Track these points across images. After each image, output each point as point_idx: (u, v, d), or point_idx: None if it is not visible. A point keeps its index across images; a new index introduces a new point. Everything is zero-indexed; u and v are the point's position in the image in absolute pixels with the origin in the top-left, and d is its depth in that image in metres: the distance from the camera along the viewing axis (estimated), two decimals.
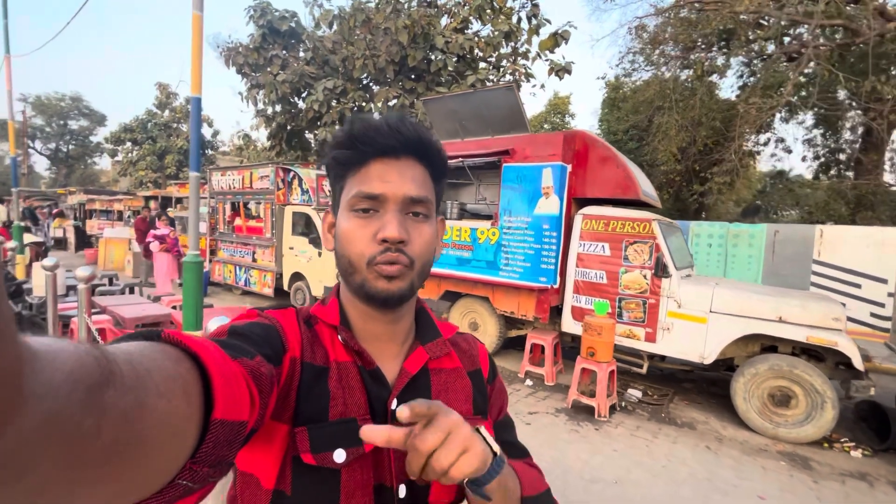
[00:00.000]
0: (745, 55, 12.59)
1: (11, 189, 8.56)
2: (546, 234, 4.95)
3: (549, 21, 11.84)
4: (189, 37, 4.16)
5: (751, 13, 10.00)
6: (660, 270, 4.34)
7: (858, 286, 6.49)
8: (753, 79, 12.88)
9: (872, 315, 6.36)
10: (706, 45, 12.69)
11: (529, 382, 5.00)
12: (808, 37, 9.89)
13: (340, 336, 0.64)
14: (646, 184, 5.36)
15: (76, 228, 16.58)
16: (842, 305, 3.90)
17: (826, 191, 12.35)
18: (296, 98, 12.46)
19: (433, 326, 0.73)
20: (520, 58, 12.34)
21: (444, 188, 0.72)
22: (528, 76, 12.13)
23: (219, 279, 9.62)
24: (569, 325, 5.00)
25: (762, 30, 11.30)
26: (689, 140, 12.45)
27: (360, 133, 0.60)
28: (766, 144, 15.79)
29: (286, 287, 8.14)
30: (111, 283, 7.70)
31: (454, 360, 0.73)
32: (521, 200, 5.12)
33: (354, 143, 0.61)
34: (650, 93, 12.77)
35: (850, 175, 12.75)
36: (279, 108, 12.65)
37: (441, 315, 6.02)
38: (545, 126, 23.21)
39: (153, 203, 14.06)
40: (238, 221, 9.26)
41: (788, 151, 16.31)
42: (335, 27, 11.78)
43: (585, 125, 38.97)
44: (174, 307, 5.40)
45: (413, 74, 11.81)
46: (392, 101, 11.38)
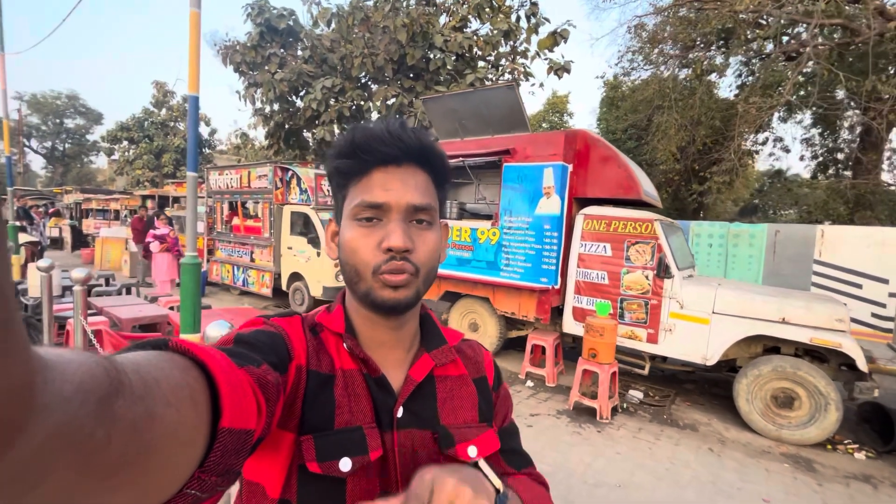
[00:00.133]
0: (744, 54, 12.58)
1: (7, 188, 8.47)
2: (547, 235, 4.92)
3: (548, 20, 11.82)
4: (186, 35, 4.12)
5: (751, 12, 9.98)
6: (662, 271, 4.31)
7: (859, 286, 6.48)
8: (752, 78, 12.87)
9: (873, 315, 6.36)
10: (705, 45, 12.68)
11: (530, 383, 4.97)
12: (807, 36, 9.87)
13: (346, 344, 0.64)
14: (647, 184, 5.33)
15: (72, 228, 16.48)
16: (845, 306, 3.88)
17: (825, 190, 12.36)
18: (294, 97, 12.39)
19: (438, 333, 0.73)
20: (519, 57, 12.30)
21: (448, 193, 0.71)
22: (527, 75, 12.09)
23: (216, 279, 9.57)
24: (570, 326, 4.97)
25: (761, 29, 11.29)
26: (689, 139, 12.44)
27: (362, 142, 0.60)
28: (765, 144, 15.80)
29: (284, 287, 8.09)
30: (108, 284, 7.64)
31: (459, 367, 0.72)
32: (522, 200, 5.09)
33: (356, 152, 0.60)
34: (649, 92, 12.76)
35: (848, 174, 12.76)
36: (277, 107, 12.58)
37: (441, 315, 5.99)
38: (543, 125, 23.21)
39: (150, 202, 13.98)
40: (236, 221, 9.20)
41: (787, 151, 16.35)
42: (333, 25, 11.71)
43: (584, 124, 39.02)
44: (171, 308, 5.35)
45: (412, 73, 11.76)
46: (391, 100, 11.32)
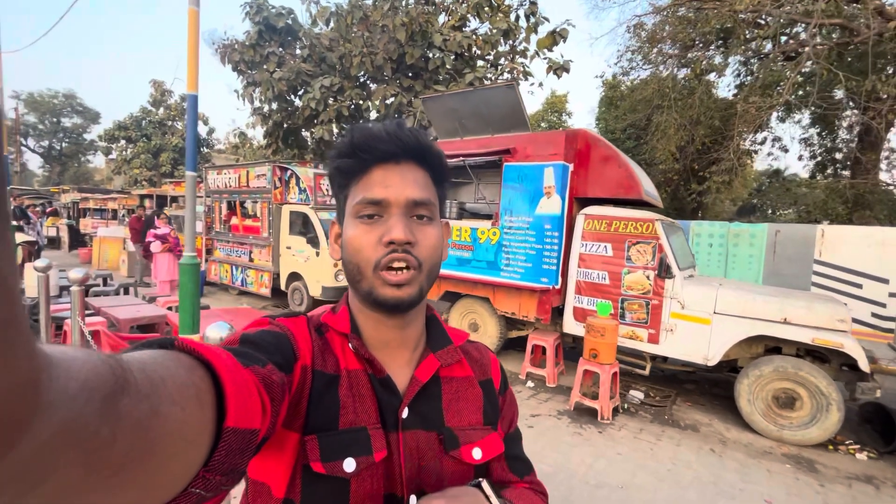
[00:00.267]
0: (743, 54, 12.57)
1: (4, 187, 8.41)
2: (548, 234, 4.90)
3: (548, 19, 11.80)
4: (184, 33, 4.10)
5: (750, 12, 9.98)
6: (663, 271, 4.29)
7: (860, 286, 6.48)
8: (751, 78, 12.87)
9: (873, 315, 6.36)
10: (704, 44, 12.66)
11: (531, 384, 4.96)
12: (806, 36, 9.87)
13: (351, 344, 0.64)
14: (648, 183, 5.31)
15: (70, 227, 16.40)
16: (846, 306, 3.87)
17: (824, 190, 12.37)
18: (292, 96, 12.34)
19: (444, 334, 0.73)
20: (518, 56, 12.27)
21: (447, 192, 0.72)
22: (527, 74, 12.06)
23: (215, 279, 9.53)
24: (570, 326, 4.95)
25: (760, 29, 11.28)
26: (688, 139, 12.43)
27: (361, 141, 0.61)
28: (763, 143, 15.81)
29: (283, 287, 8.06)
30: (105, 284, 7.61)
31: (465, 369, 0.72)
32: (523, 200, 5.07)
33: (355, 152, 0.62)
34: (648, 91, 12.74)
35: (846, 174, 12.77)
36: (275, 106, 12.54)
37: (441, 315, 5.96)
38: (542, 124, 23.20)
39: (148, 202, 13.93)
40: (234, 220, 9.17)
41: (785, 150, 16.37)
42: (332, 24, 11.66)
43: (582, 124, 39.05)
44: (170, 308, 5.32)
45: (411, 72, 11.73)
46: (389, 99, 11.28)
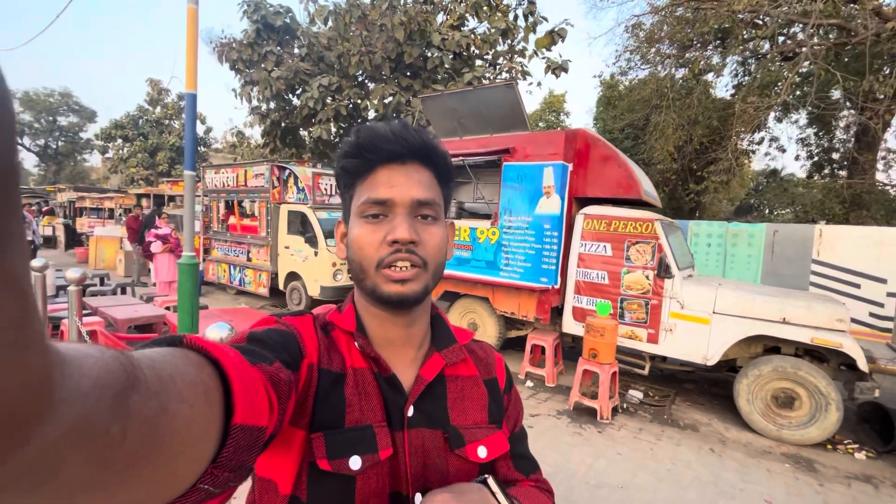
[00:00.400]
0: (741, 54, 12.60)
1: None
2: (547, 234, 4.89)
3: (546, 19, 11.79)
4: (182, 31, 4.08)
5: (748, 12, 9.99)
6: (662, 271, 4.29)
7: (858, 286, 6.50)
8: (749, 78, 12.89)
9: (871, 315, 6.38)
10: (702, 44, 12.68)
11: (530, 384, 4.95)
12: (804, 36, 9.89)
13: (357, 343, 0.65)
14: (647, 183, 5.32)
15: (66, 227, 16.33)
16: (845, 306, 3.88)
17: (821, 190, 12.40)
18: (290, 95, 12.30)
19: (449, 333, 0.73)
20: (516, 55, 12.27)
21: (452, 192, 0.73)
22: (525, 74, 12.06)
23: (213, 278, 9.49)
24: (570, 326, 4.95)
25: (758, 29, 11.31)
26: (686, 139, 12.44)
27: (366, 141, 0.61)
28: (761, 143, 15.86)
29: (282, 287, 8.03)
30: (102, 283, 7.57)
31: (470, 368, 0.73)
32: (522, 200, 5.06)
33: (361, 152, 0.62)
34: (647, 91, 12.75)
35: (843, 174, 12.81)
36: (273, 105, 12.50)
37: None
38: (540, 124, 23.20)
39: (145, 201, 13.87)
40: (232, 220, 9.14)
41: (782, 150, 16.43)
42: (330, 23, 11.62)
43: (580, 123, 39.05)
44: (168, 308, 5.30)
45: (409, 71, 11.71)
46: (388, 99, 11.26)
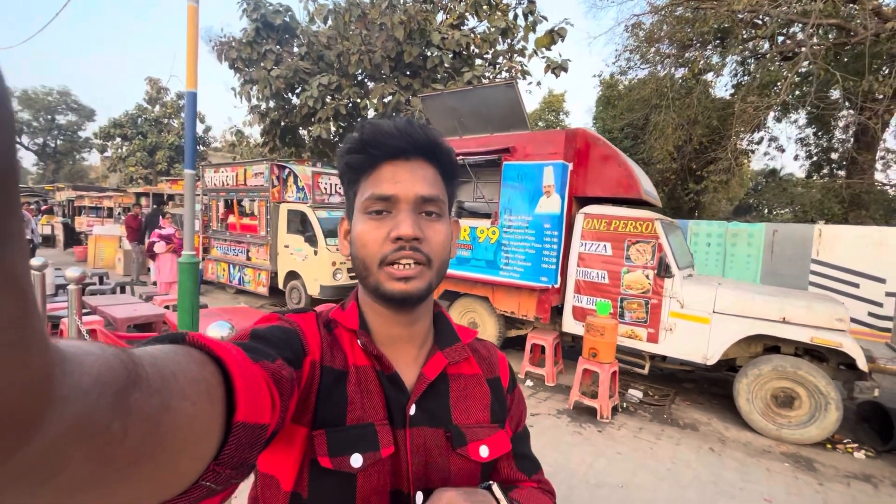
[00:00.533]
0: (740, 54, 12.61)
1: None
2: (547, 234, 4.89)
3: (546, 18, 11.77)
4: (182, 30, 4.07)
5: (748, 12, 9.99)
6: (662, 270, 4.29)
7: (856, 286, 6.51)
8: (748, 78, 12.90)
9: (870, 315, 6.39)
10: (701, 44, 12.68)
11: (530, 383, 4.95)
12: (803, 36, 9.90)
13: (360, 340, 0.65)
14: (647, 182, 5.32)
15: (65, 226, 16.29)
16: (844, 306, 3.88)
17: (820, 189, 12.42)
18: (290, 94, 12.28)
19: (452, 331, 0.73)
20: (516, 55, 12.26)
21: (456, 189, 0.72)
22: (525, 73, 12.05)
23: (212, 277, 9.48)
24: (570, 326, 4.95)
25: (758, 29, 11.31)
26: (685, 138, 12.45)
27: (371, 137, 0.61)
28: (760, 143, 15.88)
29: (281, 286, 8.03)
30: (101, 282, 7.56)
31: (473, 367, 0.72)
32: (522, 199, 5.06)
33: (365, 148, 0.61)
34: (646, 91, 12.75)
35: (842, 174, 12.82)
36: (273, 104, 12.47)
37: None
38: (540, 124, 23.21)
39: (144, 200, 13.84)
40: (232, 219, 9.12)
41: (781, 150, 16.44)
42: (330, 22, 11.59)
43: (580, 123, 39.04)
44: (167, 307, 5.29)
45: (409, 71, 11.69)
46: (387, 98, 11.24)
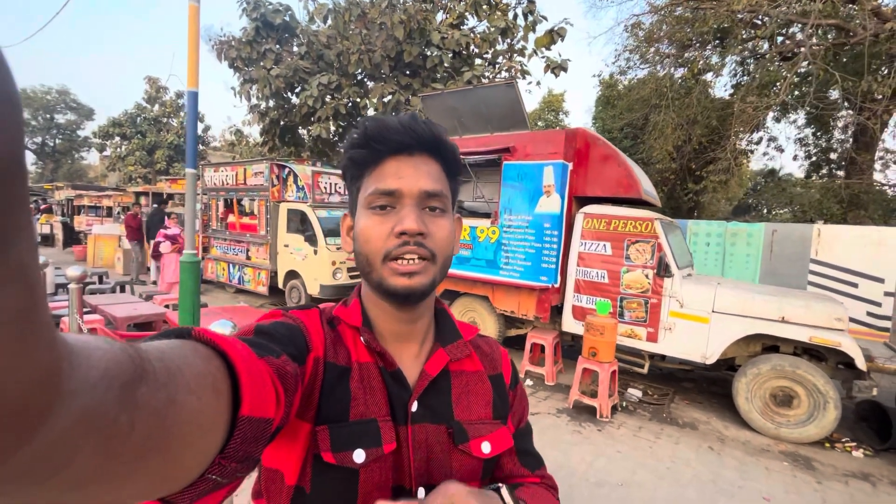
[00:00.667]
0: (740, 54, 12.62)
1: None
2: (547, 233, 4.90)
3: (546, 18, 11.77)
4: (182, 29, 4.07)
5: (748, 12, 10.01)
6: (662, 270, 4.31)
7: (855, 285, 6.53)
8: (748, 78, 12.91)
9: (869, 314, 6.41)
10: (701, 44, 12.69)
11: (529, 382, 4.97)
12: (802, 36, 9.91)
13: (363, 337, 0.65)
14: (646, 182, 5.33)
15: (64, 225, 16.28)
16: (843, 306, 3.90)
17: (819, 190, 12.44)
18: (290, 93, 12.28)
19: (453, 328, 0.73)
20: (516, 54, 12.26)
21: (459, 186, 0.72)
22: (524, 73, 12.05)
23: (212, 277, 9.48)
24: (569, 325, 4.96)
25: (758, 29, 11.32)
26: (685, 138, 12.47)
27: (374, 132, 0.61)
28: (759, 143, 15.90)
29: (281, 285, 8.03)
30: (101, 281, 7.56)
31: (475, 363, 0.73)
32: (522, 199, 5.07)
33: (369, 143, 0.61)
34: (646, 91, 12.76)
35: (841, 174, 12.84)
36: (272, 104, 12.47)
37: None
38: (539, 123, 23.22)
39: (143, 199, 13.83)
40: (231, 218, 9.13)
41: (780, 150, 16.46)
42: (330, 21, 11.59)
43: (579, 123, 39.03)
44: (167, 306, 5.30)
45: (409, 70, 11.69)
46: (387, 98, 11.24)
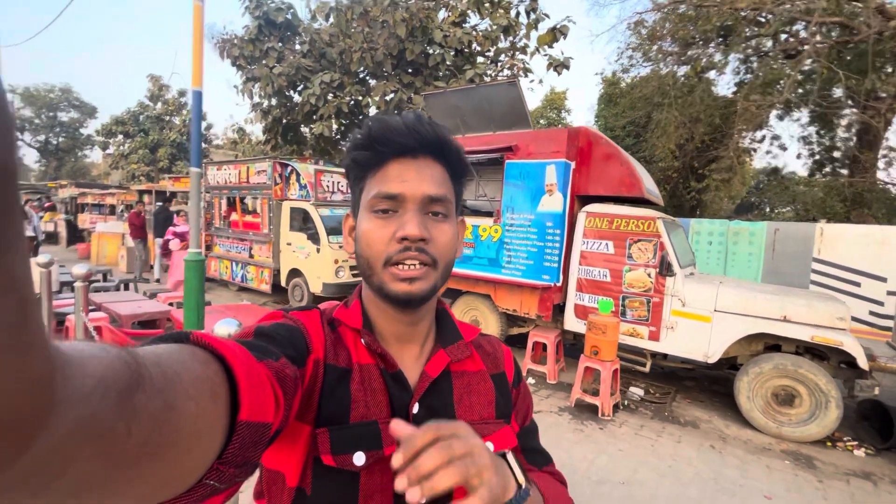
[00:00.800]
0: (743, 52, 12.57)
1: None
2: (549, 232, 4.91)
3: (548, 16, 11.75)
4: (183, 27, 4.08)
5: (751, 9, 9.97)
6: (664, 269, 4.31)
7: (858, 284, 6.52)
8: (751, 76, 12.87)
9: (872, 313, 6.40)
10: (704, 42, 12.65)
11: (531, 380, 4.98)
12: (806, 34, 9.87)
13: (363, 339, 0.64)
14: (649, 181, 5.33)
15: (67, 223, 16.34)
16: (845, 305, 3.90)
17: (822, 188, 12.41)
18: (292, 91, 12.29)
19: (454, 329, 0.73)
20: (518, 52, 12.24)
21: (464, 188, 0.71)
22: (527, 71, 12.04)
23: (214, 275, 9.51)
24: (571, 324, 4.98)
25: (761, 27, 11.28)
26: (688, 136, 12.44)
27: (378, 134, 0.60)
28: (762, 141, 15.85)
29: (283, 283, 8.06)
30: (105, 279, 7.60)
31: (477, 363, 0.72)
32: (524, 197, 5.08)
33: (373, 144, 0.60)
34: (649, 89, 12.73)
35: (845, 173, 12.80)
36: (275, 102, 12.48)
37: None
38: (541, 121, 23.17)
39: (147, 197, 13.87)
40: (234, 216, 9.15)
41: (784, 149, 16.39)
42: (332, 20, 11.59)
43: (581, 121, 38.93)
44: (171, 304, 5.33)
45: (411, 68, 11.68)
46: (389, 96, 11.24)
